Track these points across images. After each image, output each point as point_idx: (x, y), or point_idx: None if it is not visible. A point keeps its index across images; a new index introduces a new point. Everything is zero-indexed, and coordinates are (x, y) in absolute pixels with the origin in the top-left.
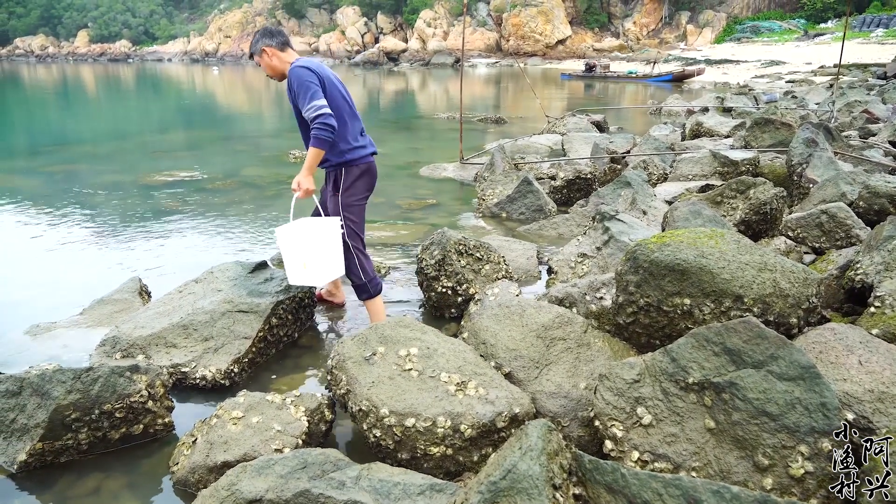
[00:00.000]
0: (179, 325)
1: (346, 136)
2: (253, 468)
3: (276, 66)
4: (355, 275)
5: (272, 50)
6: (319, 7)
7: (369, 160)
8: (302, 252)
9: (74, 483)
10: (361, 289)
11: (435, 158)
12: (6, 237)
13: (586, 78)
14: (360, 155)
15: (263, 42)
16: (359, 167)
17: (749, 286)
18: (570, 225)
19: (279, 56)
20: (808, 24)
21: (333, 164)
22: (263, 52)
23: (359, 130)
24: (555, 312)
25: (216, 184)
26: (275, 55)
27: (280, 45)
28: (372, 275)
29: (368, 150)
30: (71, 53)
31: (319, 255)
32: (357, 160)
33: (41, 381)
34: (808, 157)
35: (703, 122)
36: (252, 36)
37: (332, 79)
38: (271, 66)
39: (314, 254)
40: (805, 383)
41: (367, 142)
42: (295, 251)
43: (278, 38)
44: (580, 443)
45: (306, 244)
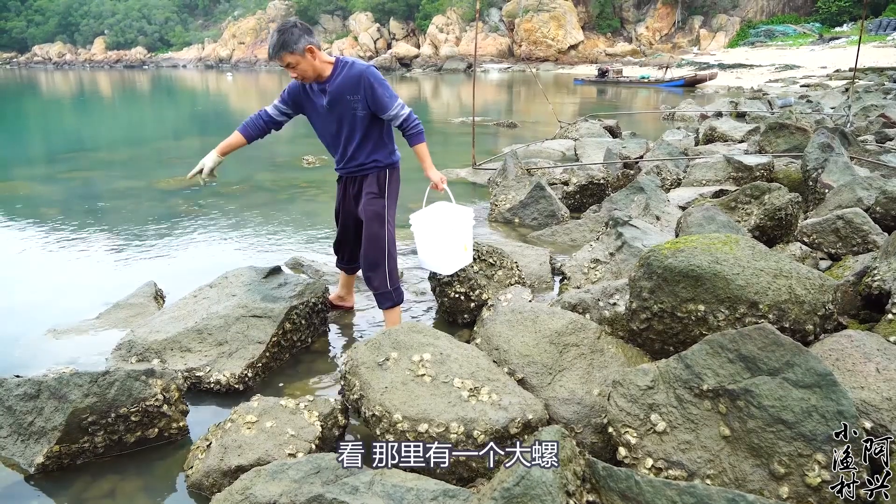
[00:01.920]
0: (194, 329)
1: (392, 137)
2: (267, 472)
3: (318, 67)
4: (382, 283)
5: (317, 51)
6: (332, 13)
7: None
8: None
9: (90, 485)
10: (386, 296)
11: (447, 163)
12: (24, 242)
13: (599, 83)
14: (398, 157)
15: (307, 40)
16: (398, 170)
17: (764, 292)
18: (582, 230)
19: (320, 56)
20: (823, 28)
21: (382, 164)
22: (309, 51)
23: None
24: (568, 318)
25: (230, 189)
26: (318, 56)
27: (318, 44)
28: (398, 283)
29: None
30: (88, 60)
31: (454, 241)
32: (397, 162)
33: (58, 384)
34: (824, 162)
35: (717, 127)
36: (280, 34)
37: None
38: (313, 67)
39: (450, 240)
40: (822, 391)
41: None
42: (438, 236)
43: (315, 37)
44: (593, 449)
45: (446, 230)
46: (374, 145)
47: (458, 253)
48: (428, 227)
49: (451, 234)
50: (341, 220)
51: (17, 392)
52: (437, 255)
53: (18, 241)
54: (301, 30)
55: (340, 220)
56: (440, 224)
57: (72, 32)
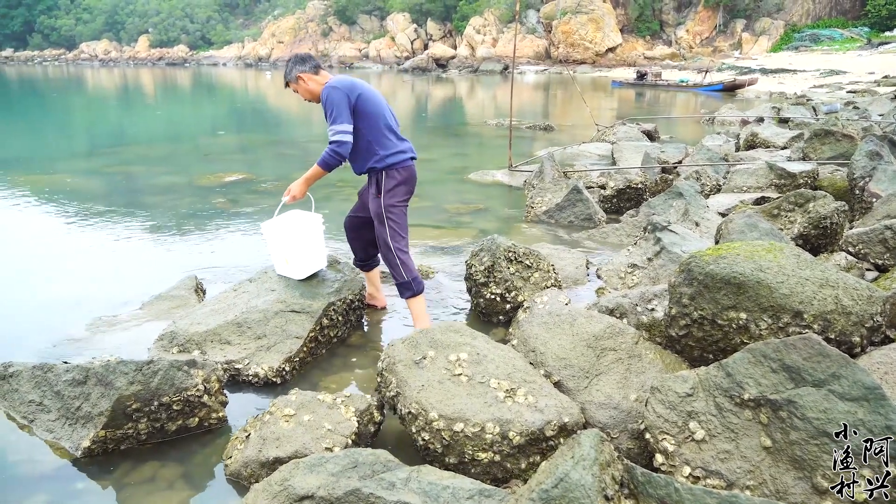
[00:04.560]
0: (234, 322)
1: (384, 144)
2: (305, 465)
3: (313, 90)
4: (398, 274)
5: (307, 75)
6: (370, 14)
7: (408, 164)
8: (285, 246)
9: (132, 470)
10: (405, 287)
11: (483, 165)
12: (71, 235)
13: (637, 86)
14: (401, 160)
15: (297, 69)
16: (399, 172)
17: (809, 302)
18: (619, 235)
19: (314, 79)
20: (871, 33)
21: (378, 168)
22: (299, 78)
23: (396, 136)
24: (606, 322)
25: (266, 186)
26: (310, 79)
27: (313, 69)
28: (415, 273)
29: (408, 154)
30: (132, 58)
31: (301, 249)
32: (397, 164)
33: (105, 371)
34: (872, 171)
35: (759, 133)
36: (284, 66)
37: (366, 92)
38: (308, 91)
39: (296, 248)
40: (869, 405)
41: (406, 147)
42: (279, 245)
43: (310, 63)
44: (629, 455)
45: (289, 239)
46: (363, 155)
47: (307, 258)
48: (278, 235)
49: (299, 241)
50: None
51: (65, 378)
52: (287, 261)
53: (64, 234)
54: (294, 62)
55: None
56: (289, 231)
57: (117, 30)
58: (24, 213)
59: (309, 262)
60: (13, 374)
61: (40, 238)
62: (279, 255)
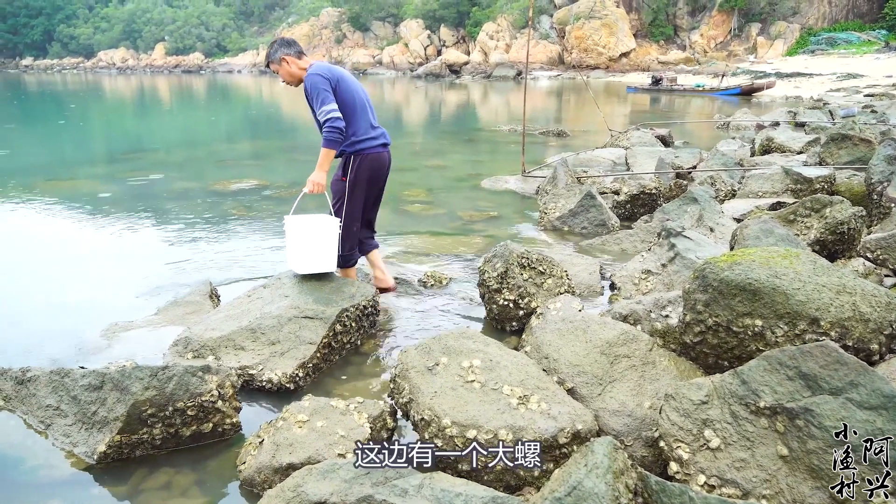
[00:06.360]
0: (248, 328)
1: (357, 130)
2: (318, 471)
3: (295, 73)
4: (343, 247)
5: (291, 59)
6: (384, 20)
7: (379, 151)
8: (303, 243)
9: (147, 477)
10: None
11: (496, 171)
12: (87, 240)
13: (652, 91)
14: (371, 146)
15: (282, 51)
16: (369, 156)
17: (826, 309)
18: (633, 241)
19: (297, 63)
20: (889, 36)
21: (348, 152)
22: (283, 60)
23: (370, 123)
24: (619, 329)
25: (280, 192)
26: (293, 63)
27: (297, 53)
28: (349, 253)
29: (379, 141)
30: (148, 65)
31: (316, 248)
32: (367, 150)
33: (121, 376)
34: (890, 175)
35: (774, 138)
36: (269, 46)
37: (345, 78)
38: (290, 73)
39: (313, 246)
40: (888, 413)
41: (378, 133)
42: (298, 241)
43: (295, 48)
44: (643, 463)
45: (309, 236)
46: None
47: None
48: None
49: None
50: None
51: (82, 382)
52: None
53: (81, 239)
54: (280, 44)
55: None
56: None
57: (134, 39)
58: (43, 219)
59: (316, 260)
60: (31, 378)
61: (58, 243)
62: (293, 249)
